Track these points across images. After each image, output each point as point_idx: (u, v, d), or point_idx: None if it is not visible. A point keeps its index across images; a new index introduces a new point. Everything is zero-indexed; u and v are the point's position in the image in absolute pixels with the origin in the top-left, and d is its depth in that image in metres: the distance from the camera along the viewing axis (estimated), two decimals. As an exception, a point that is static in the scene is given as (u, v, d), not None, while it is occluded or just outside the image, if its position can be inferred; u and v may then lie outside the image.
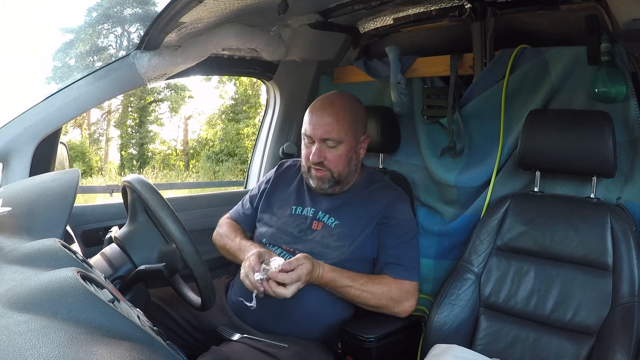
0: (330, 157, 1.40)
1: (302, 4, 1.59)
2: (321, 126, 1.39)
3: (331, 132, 1.38)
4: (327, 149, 1.40)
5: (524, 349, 1.32)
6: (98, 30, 10.27)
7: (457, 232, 1.69)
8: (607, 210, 1.32)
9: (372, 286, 1.36)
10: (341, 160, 1.41)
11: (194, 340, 1.42)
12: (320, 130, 1.39)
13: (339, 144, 1.40)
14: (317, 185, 1.45)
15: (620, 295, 1.24)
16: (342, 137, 1.39)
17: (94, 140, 14.99)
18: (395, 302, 1.37)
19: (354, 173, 1.49)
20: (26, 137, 1.35)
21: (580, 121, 1.37)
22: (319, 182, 1.44)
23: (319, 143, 1.40)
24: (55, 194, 0.99)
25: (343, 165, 1.42)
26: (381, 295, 1.36)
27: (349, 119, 1.41)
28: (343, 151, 1.41)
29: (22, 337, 0.53)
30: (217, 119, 15.34)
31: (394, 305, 1.37)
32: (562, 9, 1.57)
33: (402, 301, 1.37)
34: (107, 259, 1.16)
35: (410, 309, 1.39)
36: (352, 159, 1.45)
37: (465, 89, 1.77)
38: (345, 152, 1.41)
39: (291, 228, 1.47)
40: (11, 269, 0.73)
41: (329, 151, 1.40)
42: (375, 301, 1.36)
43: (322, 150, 1.40)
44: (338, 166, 1.42)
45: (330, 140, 1.39)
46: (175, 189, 9.74)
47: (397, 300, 1.37)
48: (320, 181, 1.44)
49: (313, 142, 1.41)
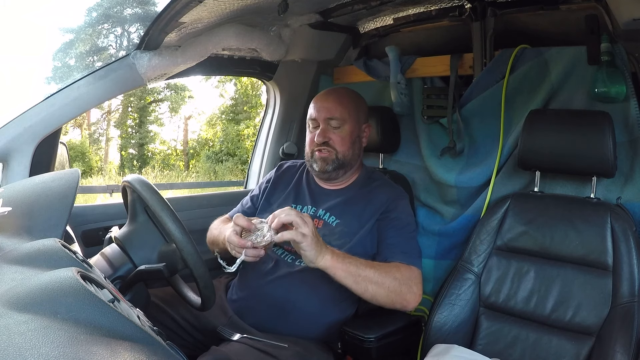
0: (335, 137, 1.45)
1: (302, 4, 1.59)
2: (325, 108, 1.46)
3: (335, 111, 1.45)
4: (332, 130, 1.45)
5: (524, 349, 1.32)
6: (98, 30, 10.28)
7: (457, 232, 1.69)
8: (607, 210, 1.32)
9: (388, 269, 1.30)
10: (345, 141, 1.46)
11: (194, 340, 1.42)
12: (324, 111, 1.46)
13: (343, 124, 1.45)
14: (321, 167, 1.46)
15: (620, 295, 1.24)
16: (345, 117, 1.45)
17: (94, 140, 14.99)
18: (408, 287, 1.31)
19: (357, 159, 1.52)
20: (26, 137, 1.35)
21: (580, 121, 1.37)
22: (322, 163, 1.46)
23: (323, 124, 1.45)
24: (55, 194, 0.99)
25: (347, 146, 1.46)
26: (398, 279, 1.29)
27: (352, 103, 1.49)
28: (347, 132, 1.46)
29: (22, 337, 0.53)
30: (217, 119, 15.35)
31: (407, 291, 1.30)
32: (562, 9, 1.57)
33: (412, 287, 1.32)
34: (107, 259, 1.16)
35: (419, 298, 1.34)
36: (356, 143, 1.49)
37: (465, 89, 1.77)
38: (349, 133, 1.46)
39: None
40: (11, 269, 0.73)
41: (333, 132, 1.45)
42: (391, 285, 1.28)
43: (326, 131, 1.45)
44: (343, 146, 1.45)
45: (334, 119, 1.45)
46: (175, 189, 9.74)
47: (409, 286, 1.31)
48: (324, 162, 1.45)
49: (318, 125, 1.46)
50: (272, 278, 1.40)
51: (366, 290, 1.26)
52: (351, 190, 1.50)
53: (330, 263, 1.21)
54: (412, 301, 1.32)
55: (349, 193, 1.49)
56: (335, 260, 1.22)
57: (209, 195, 2.19)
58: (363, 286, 1.25)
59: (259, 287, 1.42)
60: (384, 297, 1.29)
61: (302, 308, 1.37)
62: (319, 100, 1.50)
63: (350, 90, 1.57)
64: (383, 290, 1.27)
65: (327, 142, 1.45)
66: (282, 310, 1.37)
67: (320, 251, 1.19)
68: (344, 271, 1.23)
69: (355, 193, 1.49)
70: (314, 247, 1.17)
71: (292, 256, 1.42)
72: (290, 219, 1.15)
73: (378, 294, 1.27)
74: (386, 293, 1.28)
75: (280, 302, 1.38)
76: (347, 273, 1.23)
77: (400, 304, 1.31)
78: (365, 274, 1.25)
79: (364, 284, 1.25)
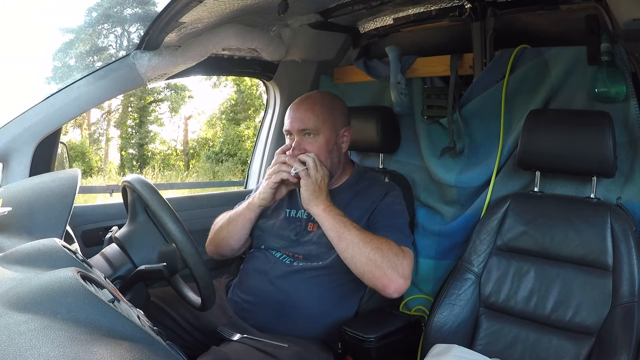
0: (310, 148, 1.41)
1: (302, 4, 1.59)
2: (297, 119, 1.42)
3: (307, 122, 1.41)
4: (307, 141, 1.42)
5: (524, 349, 1.32)
6: (98, 30, 10.27)
7: (457, 232, 1.69)
8: (607, 210, 1.32)
9: (377, 240, 1.28)
10: (322, 150, 1.41)
11: (194, 340, 1.42)
12: (296, 122, 1.42)
13: (317, 135, 1.41)
14: None
15: (620, 295, 1.24)
16: (318, 127, 1.41)
17: (94, 140, 14.98)
18: (392, 266, 1.25)
19: (337, 165, 1.48)
20: (26, 137, 1.35)
21: (580, 121, 1.37)
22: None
23: (298, 136, 1.42)
24: (55, 194, 0.99)
25: (325, 156, 1.41)
26: (383, 253, 1.26)
27: (326, 110, 1.44)
28: (322, 141, 1.42)
29: (22, 337, 0.53)
30: (217, 119, 15.35)
31: (390, 269, 1.25)
32: (562, 9, 1.57)
33: (398, 267, 1.26)
34: (107, 259, 1.16)
35: (404, 284, 1.27)
36: (334, 151, 1.45)
37: (465, 89, 1.77)
38: (324, 143, 1.42)
39: (287, 232, 1.47)
40: (11, 269, 0.73)
41: (307, 143, 1.42)
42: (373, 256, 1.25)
43: (301, 143, 1.42)
44: (320, 156, 1.39)
45: (307, 130, 1.41)
46: (175, 189, 9.74)
47: (395, 264, 1.26)
48: None
49: (293, 138, 1.43)
50: (272, 278, 1.40)
51: (346, 250, 1.27)
52: (342, 191, 1.49)
53: (321, 212, 1.31)
54: (394, 282, 1.25)
55: (340, 194, 1.48)
56: (325, 212, 1.31)
57: (209, 195, 2.19)
58: (344, 244, 1.28)
59: (259, 287, 1.42)
60: (363, 265, 1.26)
61: (302, 308, 1.37)
62: (292, 110, 1.46)
63: (325, 94, 1.54)
64: (363, 257, 1.26)
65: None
66: (283, 311, 1.37)
67: (316, 198, 1.32)
68: (330, 224, 1.30)
69: (346, 194, 1.48)
70: (311, 191, 1.32)
71: (290, 258, 1.42)
72: (304, 159, 1.34)
73: (357, 258, 1.26)
74: (365, 261, 1.25)
75: (281, 302, 1.38)
76: (333, 226, 1.29)
77: (380, 281, 1.25)
78: (351, 234, 1.28)
79: (346, 242, 1.28)
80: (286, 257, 1.43)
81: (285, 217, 1.49)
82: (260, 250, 1.48)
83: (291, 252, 1.43)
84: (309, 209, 1.33)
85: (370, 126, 1.79)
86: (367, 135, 1.79)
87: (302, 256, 1.42)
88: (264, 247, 1.49)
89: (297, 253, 1.42)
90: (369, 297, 1.48)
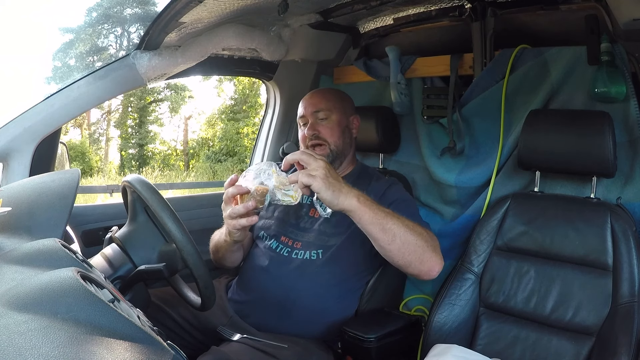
0: (324, 129, 1.50)
1: (302, 4, 1.59)
2: (311, 103, 1.53)
3: (320, 104, 1.52)
4: (320, 122, 1.50)
5: (524, 349, 1.32)
6: (98, 30, 10.28)
7: (457, 232, 1.69)
8: (607, 210, 1.32)
9: (414, 224, 1.18)
10: (334, 131, 1.50)
11: (194, 340, 1.42)
12: (310, 106, 1.52)
13: (330, 115, 1.51)
14: None
15: (620, 295, 1.24)
16: (330, 107, 1.51)
17: (94, 140, 15.00)
18: (434, 248, 1.19)
19: (349, 148, 1.56)
20: (26, 137, 1.35)
21: (580, 121, 1.37)
22: None
23: (311, 118, 1.51)
24: (55, 194, 0.99)
25: (337, 136, 1.50)
26: (424, 236, 1.18)
27: (336, 97, 1.56)
28: (334, 122, 1.51)
29: (22, 337, 0.53)
30: (217, 119, 15.36)
31: (434, 251, 1.18)
32: (562, 9, 1.57)
33: (437, 248, 1.21)
34: (107, 259, 1.15)
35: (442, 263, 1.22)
36: (346, 132, 1.53)
37: (465, 89, 1.77)
38: (337, 123, 1.51)
39: (290, 218, 1.48)
40: (11, 269, 0.73)
41: (321, 124, 1.50)
42: (419, 241, 1.15)
43: (315, 125, 1.50)
44: (333, 136, 1.49)
45: (321, 111, 1.50)
46: (175, 189, 9.75)
47: (435, 247, 1.20)
48: None
49: (307, 122, 1.52)
50: (272, 276, 1.40)
51: (393, 241, 1.12)
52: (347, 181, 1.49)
53: (357, 205, 1.09)
54: (438, 263, 1.20)
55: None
56: (362, 203, 1.10)
57: (209, 195, 2.19)
58: (389, 237, 1.12)
59: (258, 285, 1.42)
60: (410, 254, 1.15)
61: (302, 305, 1.36)
62: (305, 99, 1.57)
63: (335, 89, 1.67)
64: (411, 245, 1.14)
65: (317, 135, 1.49)
66: (283, 309, 1.37)
67: (340, 191, 1.09)
68: (369, 217, 1.11)
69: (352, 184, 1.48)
70: (329, 187, 1.07)
71: (288, 248, 1.43)
72: (296, 158, 1.08)
73: (404, 248, 1.13)
74: (413, 248, 1.15)
75: (281, 300, 1.38)
76: (373, 220, 1.11)
77: (428, 264, 1.18)
78: (394, 223, 1.12)
79: (392, 234, 1.12)
80: (284, 247, 1.43)
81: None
82: (259, 246, 1.49)
83: (291, 238, 1.44)
84: (342, 207, 1.10)
85: (370, 126, 1.80)
86: (367, 135, 1.79)
87: (300, 244, 1.42)
88: (263, 234, 1.49)
89: (296, 240, 1.43)
90: (369, 296, 1.48)
